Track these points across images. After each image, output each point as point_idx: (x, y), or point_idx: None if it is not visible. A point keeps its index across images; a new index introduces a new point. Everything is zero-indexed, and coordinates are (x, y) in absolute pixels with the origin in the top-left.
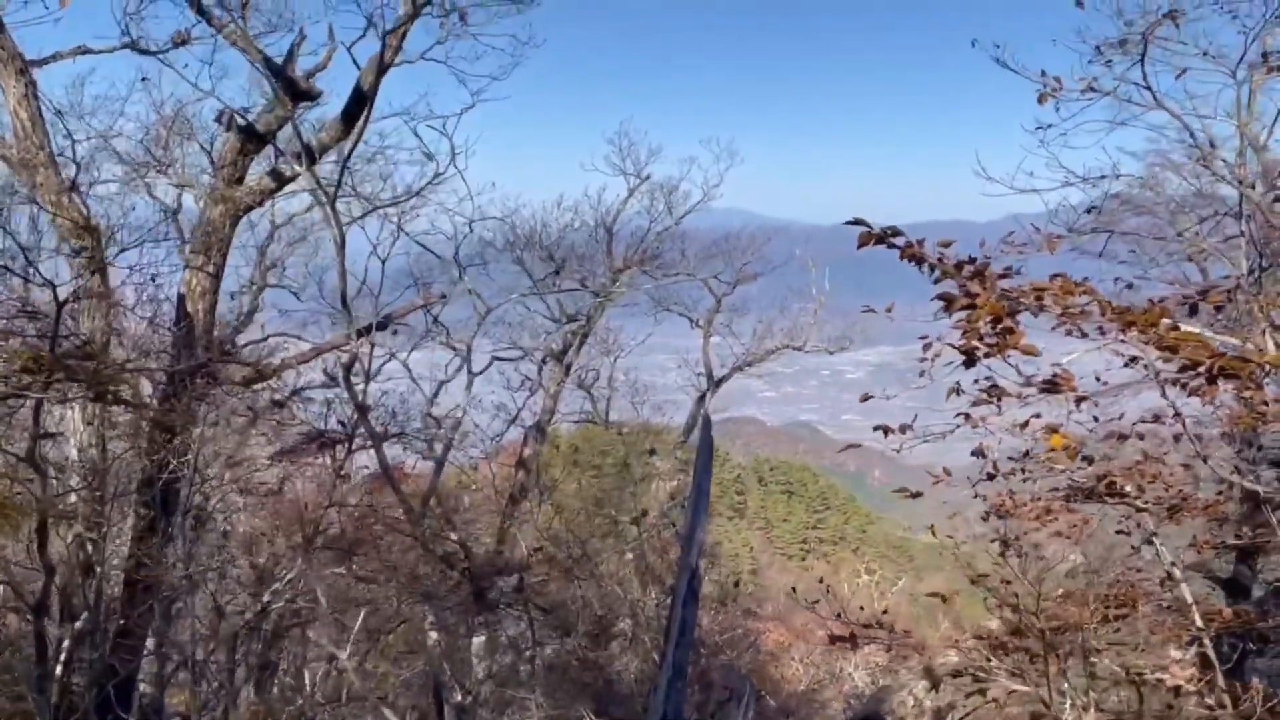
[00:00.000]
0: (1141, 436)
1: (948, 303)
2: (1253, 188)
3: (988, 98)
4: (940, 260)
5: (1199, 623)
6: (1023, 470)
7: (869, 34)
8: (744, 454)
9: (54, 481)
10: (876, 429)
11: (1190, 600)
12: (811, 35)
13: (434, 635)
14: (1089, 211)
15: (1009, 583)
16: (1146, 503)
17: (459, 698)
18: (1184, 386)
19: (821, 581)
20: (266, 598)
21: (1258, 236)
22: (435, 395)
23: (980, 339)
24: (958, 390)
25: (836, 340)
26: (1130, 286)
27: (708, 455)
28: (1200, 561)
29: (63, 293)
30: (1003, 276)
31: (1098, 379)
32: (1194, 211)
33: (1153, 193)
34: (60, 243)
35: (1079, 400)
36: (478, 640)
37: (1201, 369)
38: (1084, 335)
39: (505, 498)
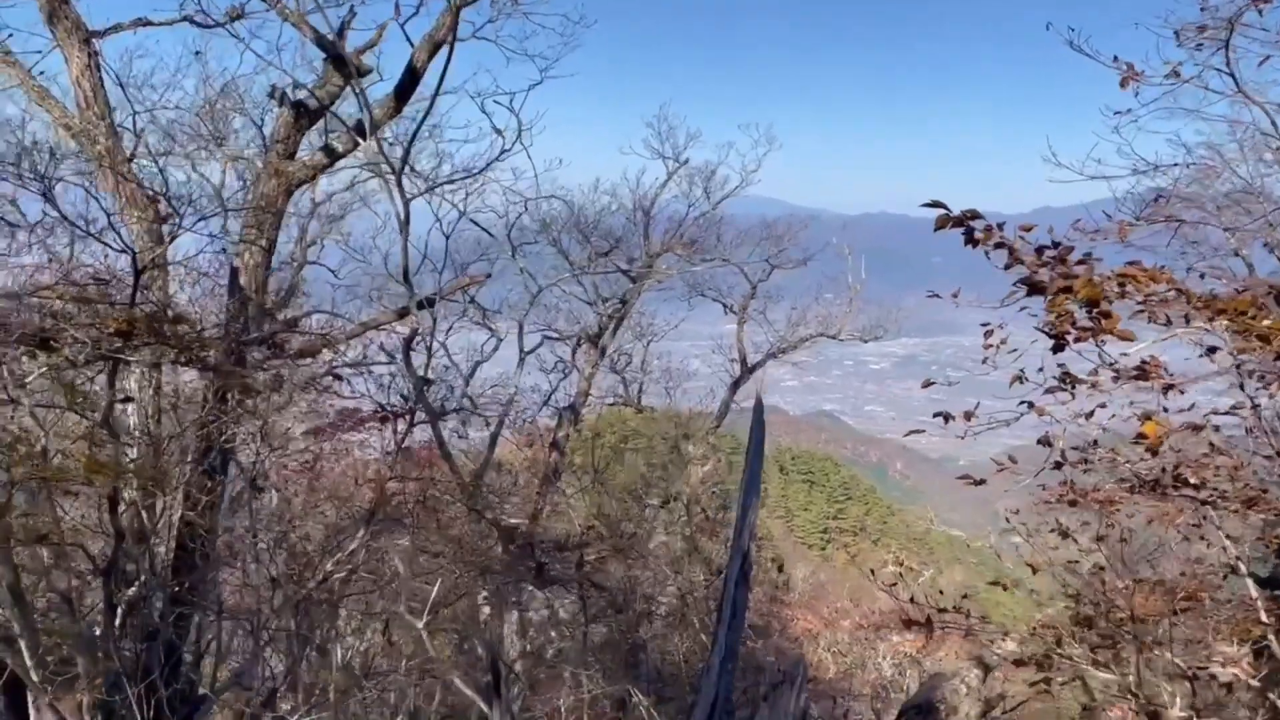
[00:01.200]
0: (1217, 428)
1: (1033, 288)
2: None
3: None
4: (1011, 246)
5: (1263, 618)
6: (1085, 461)
7: (898, 24)
8: (765, 442)
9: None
10: (936, 415)
11: (1255, 595)
12: (841, 24)
13: (487, 610)
14: (1156, 200)
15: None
16: (1213, 497)
17: (513, 672)
18: (1263, 378)
19: (901, 564)
20: (329, 566)
21: None
22: (471, 374)
23: (1073, 324)
24: (1021, 378)
25: (870, 329)
26: (1203, 277)
27: (760, 439)
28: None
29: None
30: (1080, 264)
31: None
32: (1252, 204)
33: (1200, 185)
34: (124, 213)
35: (1166, 389)
36: (512, 616)
37: None
38: (1168, 323)
39: (538, 477)
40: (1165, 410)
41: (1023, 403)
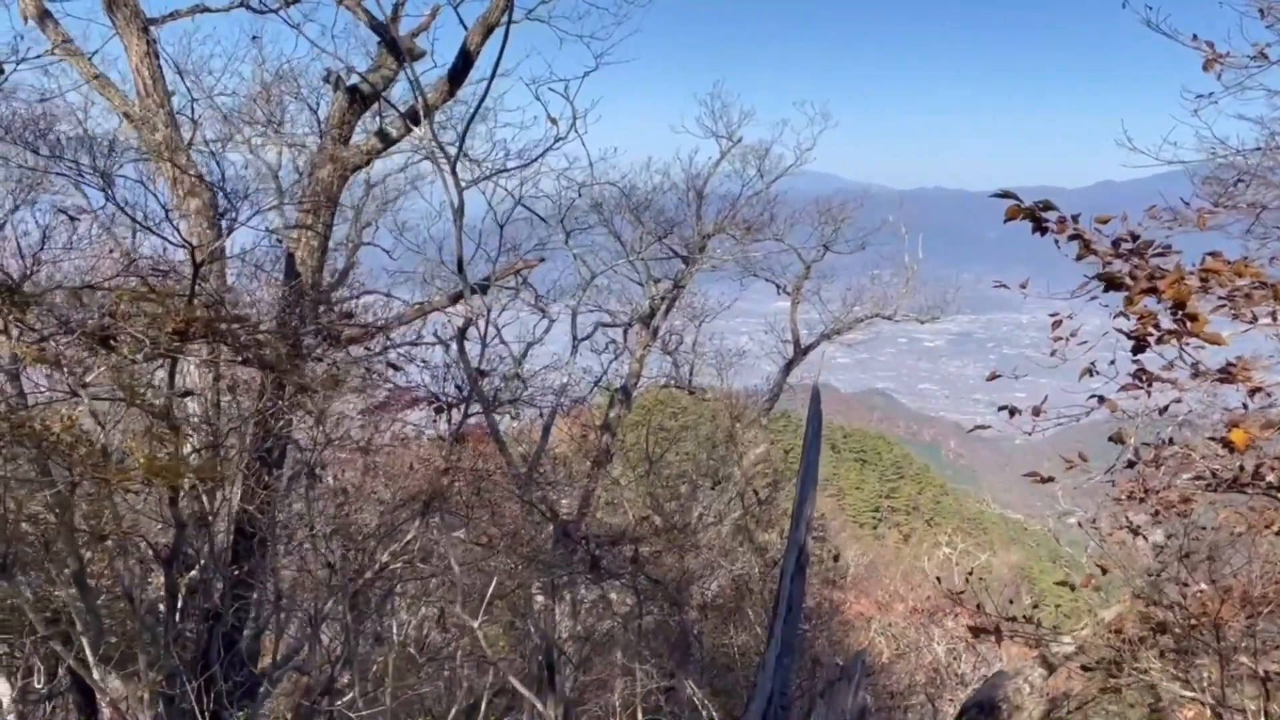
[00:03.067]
0: None
1: (1111, 284)
2: None
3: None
4: (1086, 239)
5: None
6: (1157, 459)
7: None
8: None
9: (190, 438)
10: (1001, 409)
11: None
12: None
13: (540, 599)
14: (1237, 183)
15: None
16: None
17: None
18: None
19: (971, 574)
20: (384, 557)
21: None
22: (524, 357)
23: (1156, 327)
24: (1091, 370)
25: (927, 310)
26: None
27: (817, 428)
28: None
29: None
30: (1159, 254)
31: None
32: None
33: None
34: (181, 202)
35: (1253, 392)
36: (565, 599)
37: None
38: (1254, 320)
39: (590, 460)
40: (1245, 407)
41: (1092, 396)
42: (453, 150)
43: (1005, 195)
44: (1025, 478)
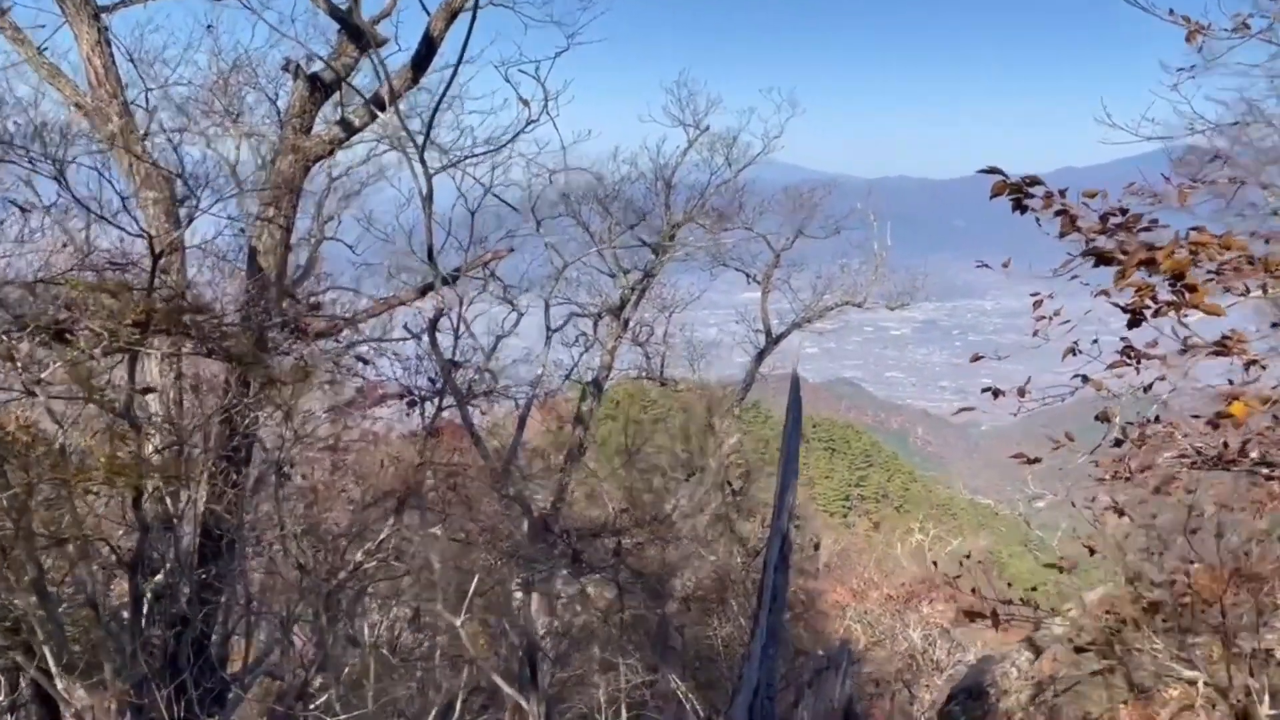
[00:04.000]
0: None
1: (1101, 258)
2: None
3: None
4: (1074, 214)
5: None
6: (1143, 437)
7: None
8: (779, 410)
9: (151, 437)
10: (985, 390)
11: None
12: None
13: (519, 595)
14: (1213, 160)
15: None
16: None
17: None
18: None
19: (968, 557)
20: (359, 556)
21: None
22: (493, 350)
23: (1153, 299)
24: (1074, 351)
25: (896, 297)
26: (1267, 242)
27: (797, 416)
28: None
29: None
30: (1144, 230)
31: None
32: None
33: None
34: (139, 194)
35: (1249, 364)
36: (518, 597)
37: None
38: (1246, 292)
39: (563, 454)
40: (1231, 382)
41: (1076, 375)
42: (420, 138)
43: (992, 171)
44: (1012, 459)
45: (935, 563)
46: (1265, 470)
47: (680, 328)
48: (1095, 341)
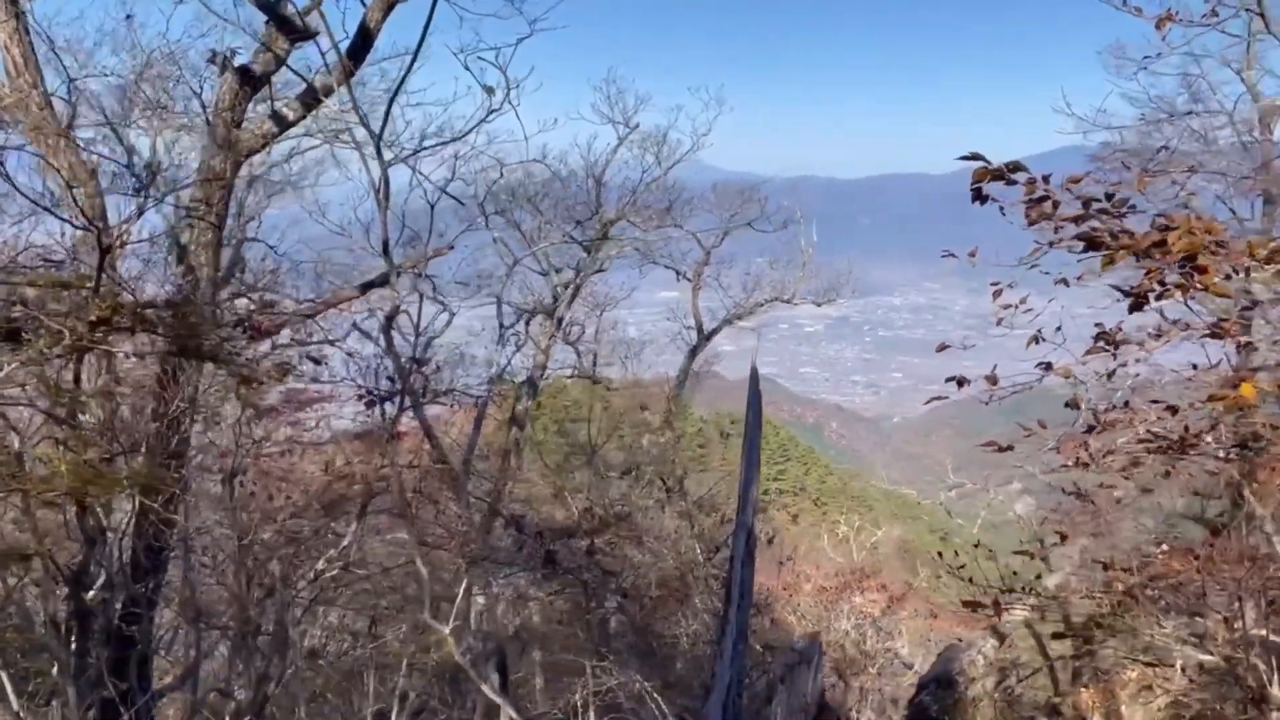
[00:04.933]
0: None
1: (1090, 244)
2: None
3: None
4: (1056, 201)
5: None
6: (1104, 424)
7: None
8: (705, 408)
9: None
10: (949, 380)
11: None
12: None
13: (481, 600)
14: (1160, 151)
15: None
16: (1231, 455)
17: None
18: None
19: (977, 547)
20: (320, 565)
21: None
22: (424, 351)
23: (1161, 282)
24: (1038, 339)
25: (824, 293)
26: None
27: (758, 411)
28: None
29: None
30: (1118, 216)
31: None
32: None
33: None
34: (61, 188)
35: (1240, 346)
36: (480, 600)
37: None
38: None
39: (500, 454)
40: (1195, 367)
41: (1040, 364)
42: (367, 130)
43: (974, 158)
44: (982, 447)
45: (939, 553)
46: (1223, 454)
47: (612, 326)
48: (1059, 328)
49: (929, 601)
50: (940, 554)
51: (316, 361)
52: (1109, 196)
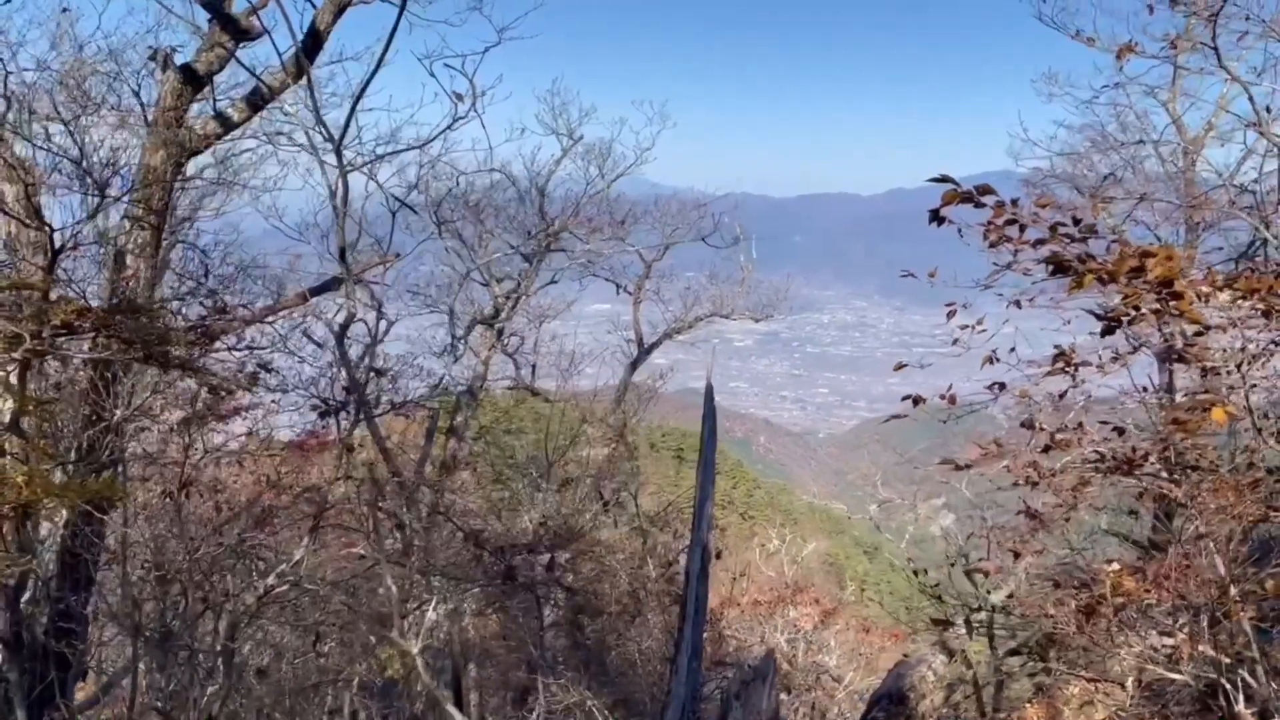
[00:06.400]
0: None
1: (1059, 267)
2: None
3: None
4: (1024, 224)
5: (1233, 593)
6: (1050, 440)
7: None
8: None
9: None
10: (905, 399)
11: (1223, 571)
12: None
13: (432, 616)
14: (1107, 179)
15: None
16: (1175, 476)
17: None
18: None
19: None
20: (271, 580)
21: None
22: (363, 358)
23: (1135, 308)
24: (992, 359)
25: (762, 308)
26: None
27: (713, 426)
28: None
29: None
30: (1080, 241)
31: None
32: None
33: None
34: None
35: (1204, 371)
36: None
37: None
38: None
39: (436, 465)
40: (1146, 389)
41: (993, 384)
42: (326, 134)
43: (943, 180)
44: (941, 465)
45: (926, 564)
46: (1165, 474)
47: (551, 338)
48: (1013, 349)
49: (858, 615)
50: (902, 566)
51: (266, 369)
52: (1076, 221)
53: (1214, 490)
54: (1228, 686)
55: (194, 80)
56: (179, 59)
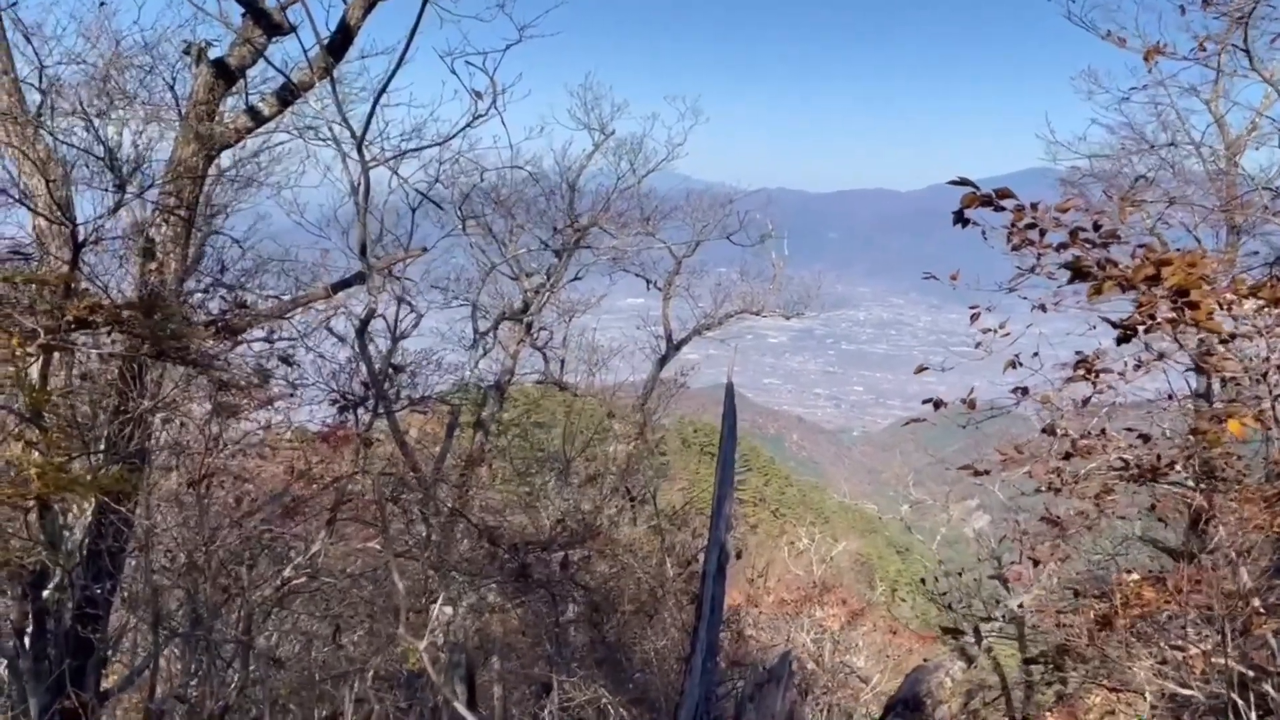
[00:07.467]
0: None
1: (1078, 274)
2: None
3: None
4: (1044, 229)
5: (1256, 604)
6: (1075, 448)
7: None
8: (668, 416)
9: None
10: (926, 402)
11: (1246, 582)
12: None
13: (448, 610)
14: (1138, 181)
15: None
16: (1201, 485)
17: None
18: None
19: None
20: (288, 572)
21: None
22: (390, 353)
23: (1151, 316)
24: (1015, 364)
25: (793, 306)
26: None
27: (732, 424)
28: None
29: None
30: (1101, 246)
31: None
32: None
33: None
34: (30, 178)
35: (1224, 381)
36: (447, 611)
37: None
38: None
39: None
40: (1170, 396)
41: (1016, 389)
42: (348, 129)
43: (962, 183)
44: (962, 469)
45: (938, 568)
46: (1192, 483)
47: (580, 332)
48: (1036, 354)
49: (888, 616)
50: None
51: (288, 362)
52: (1096, 227)
53: (1240, 501)
54: (1240, 703)
55: (226, 75)
56: (213, 54)
